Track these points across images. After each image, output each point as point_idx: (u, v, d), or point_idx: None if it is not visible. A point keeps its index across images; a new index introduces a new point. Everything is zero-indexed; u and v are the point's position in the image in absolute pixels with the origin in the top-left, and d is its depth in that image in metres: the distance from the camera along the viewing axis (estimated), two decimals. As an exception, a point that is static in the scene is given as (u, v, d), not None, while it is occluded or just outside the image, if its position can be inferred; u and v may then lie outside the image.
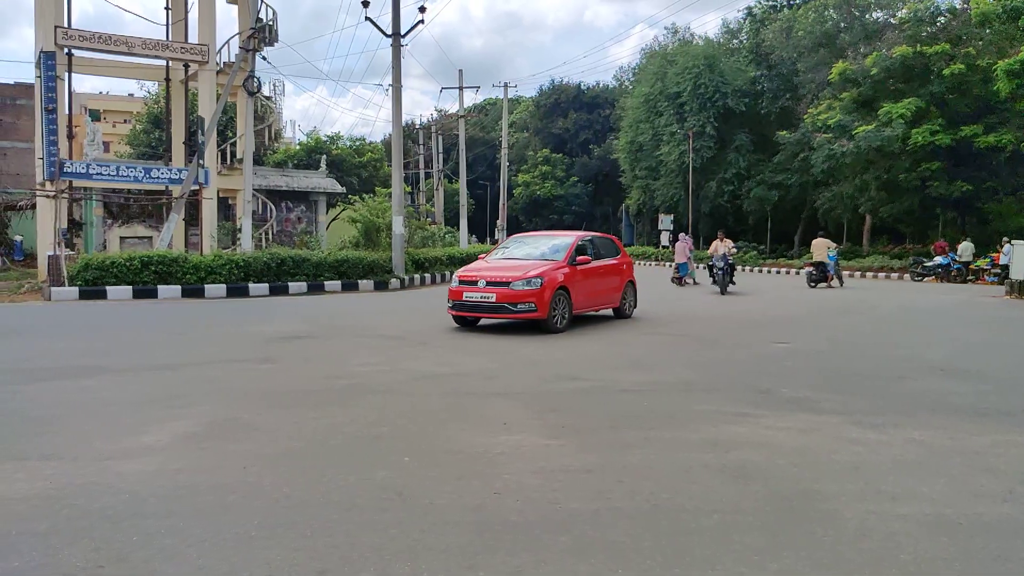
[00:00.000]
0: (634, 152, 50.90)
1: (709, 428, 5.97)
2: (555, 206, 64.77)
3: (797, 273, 34.39)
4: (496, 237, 42.53)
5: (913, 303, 18.99)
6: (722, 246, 22.04)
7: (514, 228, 62.48)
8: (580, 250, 13.13)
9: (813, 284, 24.43)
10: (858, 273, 32.36)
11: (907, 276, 30.18)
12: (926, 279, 28.78)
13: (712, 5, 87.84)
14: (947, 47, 32.14)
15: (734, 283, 22.25)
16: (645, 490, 4.44)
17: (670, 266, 41.01)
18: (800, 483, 4.64)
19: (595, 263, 13.41)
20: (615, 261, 14.36)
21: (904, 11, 35.80)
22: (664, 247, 44.31)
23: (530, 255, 13.22)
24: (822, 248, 24.65)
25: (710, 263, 22.32)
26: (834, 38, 38.69)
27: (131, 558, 3.40)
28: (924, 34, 34.14)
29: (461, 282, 12.38)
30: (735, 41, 49.38)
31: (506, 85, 42.40)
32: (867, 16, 39.23)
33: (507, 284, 11.85)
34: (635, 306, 14.76)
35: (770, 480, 4.68)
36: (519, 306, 11.70)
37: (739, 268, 38.06)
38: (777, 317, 15.49)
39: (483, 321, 13.06)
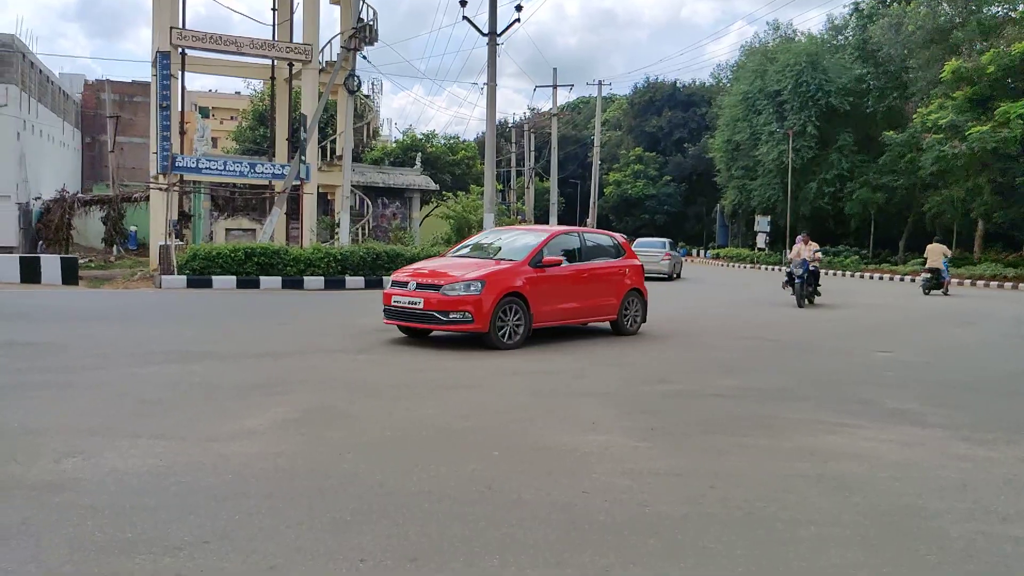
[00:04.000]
0: (730, 151, 49.74)
1: (806, 437, 5.79)
2: (646, 205, 63.95)
3: (901, 279, 32.96)
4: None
5: (1029, 314, 17.90)
6: (805, 250, 18.78)
7: (604, 227, 61.96)
8: (551, 249, 10.85)
9: (927, 291, 23.40)
10: (968, 281, 30.67)
11: (1022, 286, 28.48)
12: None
13: (816, 1, 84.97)
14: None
15: (819, 294, 18.77)
16: (737, 497, 4.35)
17: (766, 269, 40.01)
18: (902, 498, 4.45)
19: (573, 266, 11.09)
20: (613, 264, 11.88)
21: (1025, 5, 33.77)
22: (760, 249, 43.18)
23: (491, 254, 11.21)
24: (937, 254, 23.63)
25: (788, 269, 18.93)
26: (947, 34, 36.77)
27: (234, 535, 3.55)
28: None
29: (393, 283, 10.54)
30: (840, 38, 47.54)
31: (600, 83, 42.21)
32: (984, 10, 37.14)
33: (437, 288, 9.80)
34: (644, 320, 12.23)
35: (870, 493, 4.51)
36: (451, 315, 9.65)
37: (839, 274, 36.74)
38: (877, 325, 14.88)
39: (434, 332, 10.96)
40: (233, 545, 3.44)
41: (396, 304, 10.17)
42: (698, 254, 58.24)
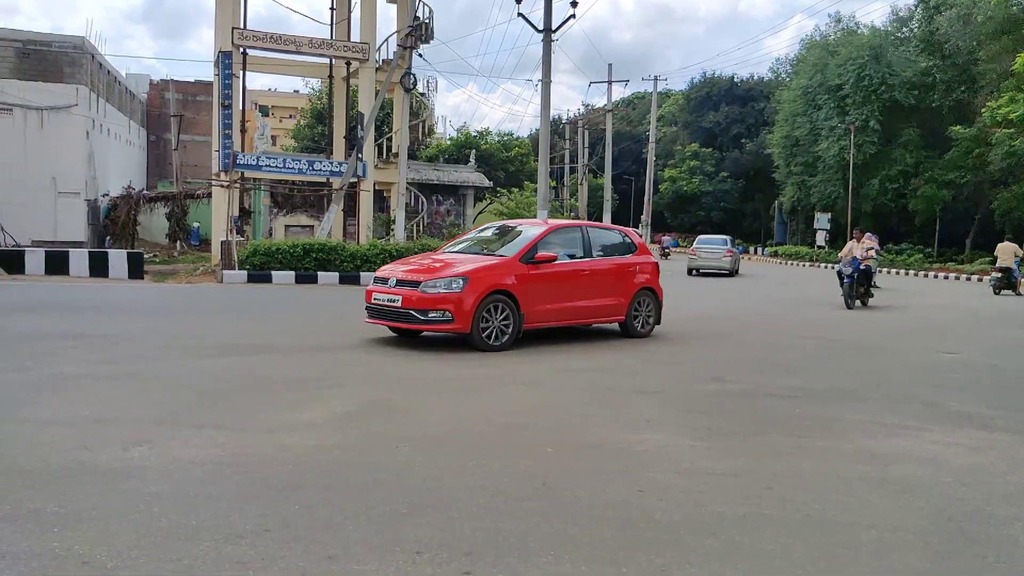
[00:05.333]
0: (789, 147, 48.77)
1: (867, 439, 5.65)
2: (702, 202, 63.14)
3: (968, 279, 31.90)
4: (640, 232, 42.09)
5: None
6: (858, 247, 17.38)
7: (659, 224, 61.62)
8: (547, 244, 10.13)
9: (998, 291, 22.62)
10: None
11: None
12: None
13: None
14: None
15: (871, 295, 17.44)
16: (796, 499, 4.27)
17: (826, 267, 39.12)
18: (970, 503, 4.31)
19: (572, 262, 10.36)
20: (621, 261, 11.07)
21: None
22: (820, 247, 42.25)
23: (489, 249, 10.55)
24: (1008, 252, 22.86)
25: (838, 268, 17.52)
26: (1020, 24, 35.38)
27: (293, 525, 3.63)
28: None
29: (375, 280, 10.06)
30: (904, 30, 46.18)
31: (655, 78, 41.78)
32: (1060, -1, 35.67)
33: (416, 285, 9.25)
34: (658, 321, 11.38)
35: (935, 498, 4.38)
36: (430, 314, 9.07)
37: (902, 273, 35.73)
38: (942, 325, 14.43)
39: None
40: (293, 534, 3.51)
41: (376, 302, 9.63)
42: (755, 252, 57.26)
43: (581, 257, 10.56)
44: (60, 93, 35.69)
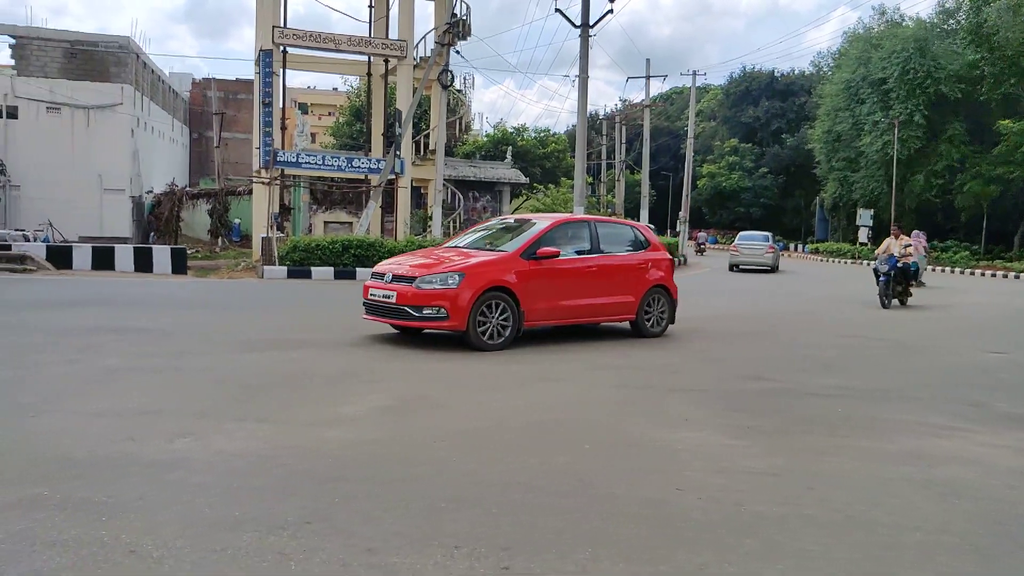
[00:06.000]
0: (831, 142, 48.02)
1: (911, 440, 5.55)
2: (742, 198, 62.47)
3: (1017, 277, 31.12)
4: (677, 229, 41.72)
5: None
6: (896, 244, 16.59)
7: (697, 220, 61.00)
8: (549, 240, 9.73)
9: None
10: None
11: None
12: None
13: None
14: None
15: (910, 294, 16.66)
16: (838, 499, 4.21)
17: (868, 264, 38.46)
18: (1018, 507, 4.21)
19: (577, 258, 9.97)
20: (632, 257, 10.60)
21: None
22: (862, 244, 41.54)
23: (493, 244, 10.17)
24: None
25: (874, 266, 16.85)
26: (1074, 15, 34.43)
27: (334, 518, 3.67)
28: None
29: (373, 275, 9.84)
30: (951, 22, 45.11)
31: (694, 73, 41.21)
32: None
33: (411, 280, 8.96)
34: (671, 320, 10.90)
35: (982, 500, 4.29)
36: (424, 311, 8.77)
37: (947, 270, 34.95)
38: (989, 324, 14.10)
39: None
40: (333, 527, 3.55)
41: (372, 298, 9.38)
42: (795, 249, 56.46)
43: (588, 253, 10.14)
44: (106, 92, 36.53)
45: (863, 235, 41.22)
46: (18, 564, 3.06)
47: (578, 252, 10.08)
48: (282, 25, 26.67)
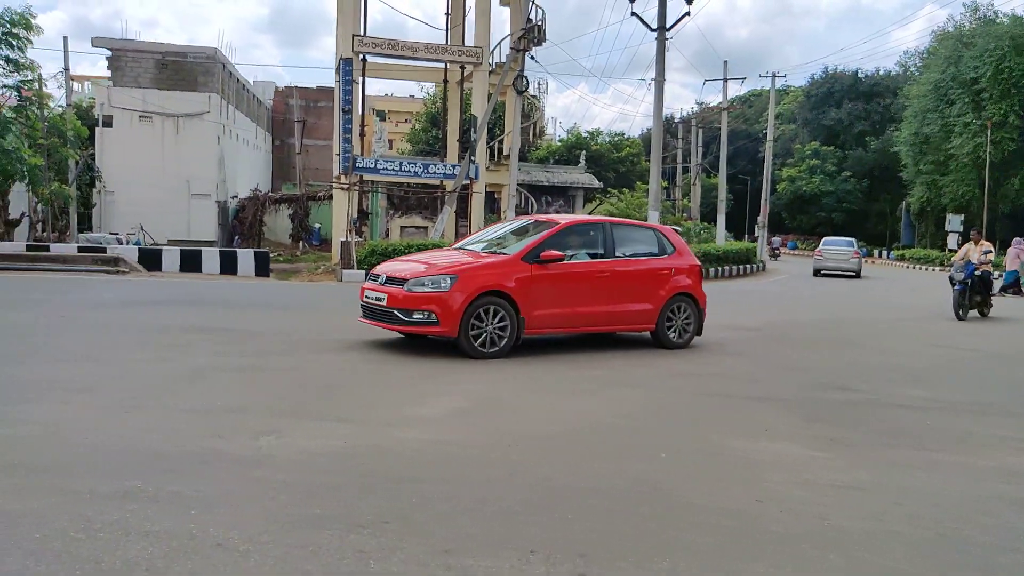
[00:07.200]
0: (919, 144, 46.21)
1: (1007, 456, 5.29)
2: (823, 203, 60.60)
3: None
4: (756, 235, 40.80)
5: None
6: (975, 251, 15.44)
7: (776, 225, 59.58)
8: (556, 243, 9.09)
9: None
10: None
11: None
12: None
13: (1023, -23, 77.06)
14: None
15: (990, 304, 15.62)
16: (927, 516, 4.04)
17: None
18: None
19: (587, 262, 9.33)
20: (652, 263, 9.89)
21: None
22: (951, 250, 39.86)
23: (502, 246, 9.60)
24: None
25: (950, 274, 15.71)
26: None
27: (411, 518, 3.72)
28: None
29: (368, 276, 9.56)
30: (1052, 17, 42.96)
31: (774, 75, 40.22)
32: None
33: (402, 283, 8.56)
34: (698, 331, 10.08)
35: (1086, 522, 4.05)
36: (414, 315, 8.33)
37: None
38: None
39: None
40: (410, 527, 3.60)
41: (366, 300, 9.03)
42: (879, 255, 54.51)
43: (602, 257, 9.48)
44: (194, 101, 38.03)
45: (952, 241, 39.57)
46: (114, 552, 3.20)
47: (591, 256, 9.48)
48: (361, 34, 27.23)
